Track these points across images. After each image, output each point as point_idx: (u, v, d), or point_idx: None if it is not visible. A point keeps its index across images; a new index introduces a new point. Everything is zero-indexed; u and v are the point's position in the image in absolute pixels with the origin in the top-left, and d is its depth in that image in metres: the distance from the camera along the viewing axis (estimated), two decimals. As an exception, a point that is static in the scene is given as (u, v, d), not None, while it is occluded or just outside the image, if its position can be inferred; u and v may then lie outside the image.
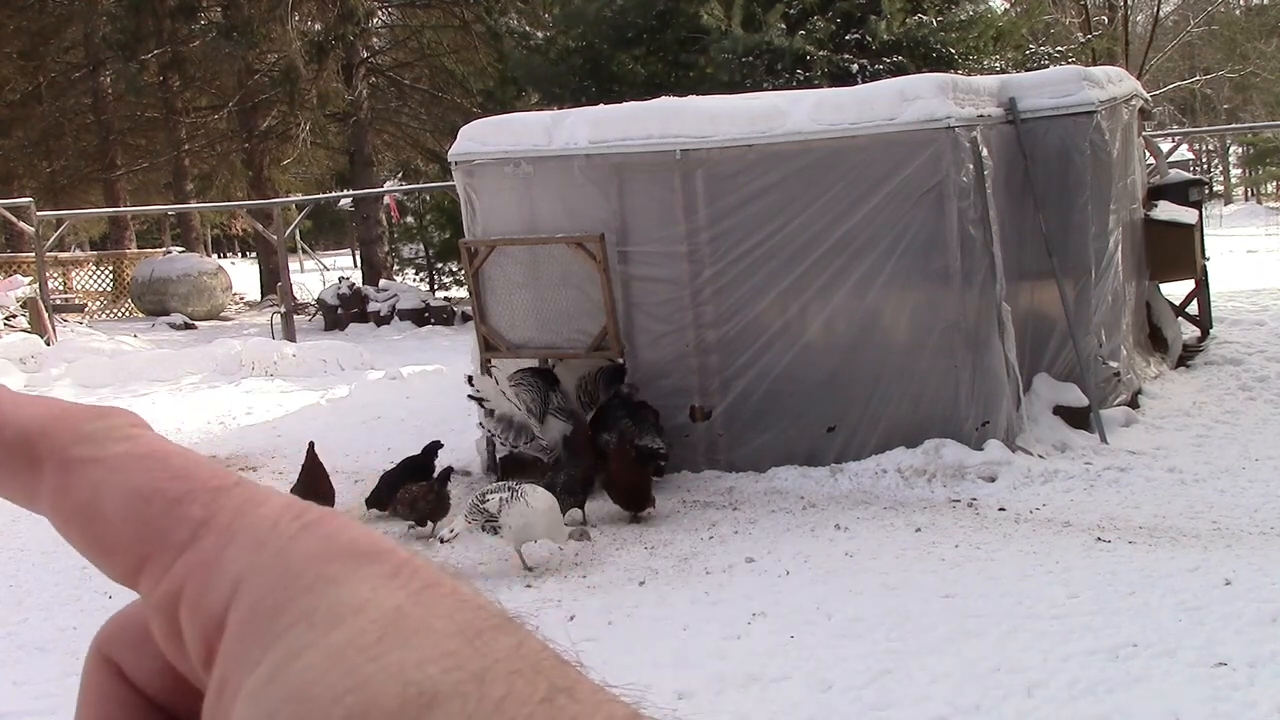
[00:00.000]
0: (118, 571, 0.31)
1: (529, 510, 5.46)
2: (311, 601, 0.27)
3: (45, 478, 0.32)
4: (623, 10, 13.49)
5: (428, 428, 9.09)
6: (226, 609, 0.28)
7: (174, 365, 13.27)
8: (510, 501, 5.48)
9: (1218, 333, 10.17)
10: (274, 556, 0.29)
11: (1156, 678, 3.95)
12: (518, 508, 5.46)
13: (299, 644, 0.26)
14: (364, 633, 0.26)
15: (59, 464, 0.31)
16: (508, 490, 5.58)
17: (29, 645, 5.11)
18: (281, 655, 0.26)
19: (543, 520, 5.48)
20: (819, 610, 4.83)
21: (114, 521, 0.31)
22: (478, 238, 7.66)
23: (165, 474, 0.31)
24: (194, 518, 0.30)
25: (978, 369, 6.82)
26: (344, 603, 0.27)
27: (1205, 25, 33.50)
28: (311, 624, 0.27)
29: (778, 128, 6.89)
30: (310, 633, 0.26)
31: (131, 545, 0.30)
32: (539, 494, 5.60)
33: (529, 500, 5.49)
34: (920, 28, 12.67)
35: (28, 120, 25.03)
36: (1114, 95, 8.06)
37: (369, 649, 0.26)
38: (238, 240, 48.40)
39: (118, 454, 0.31)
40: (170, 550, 0.30)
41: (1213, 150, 41.71)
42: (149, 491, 0.31)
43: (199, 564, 0.29)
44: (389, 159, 28.40)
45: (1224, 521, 5.75)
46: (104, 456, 0.31)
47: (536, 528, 5.50)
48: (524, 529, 5.49)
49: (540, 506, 5.50)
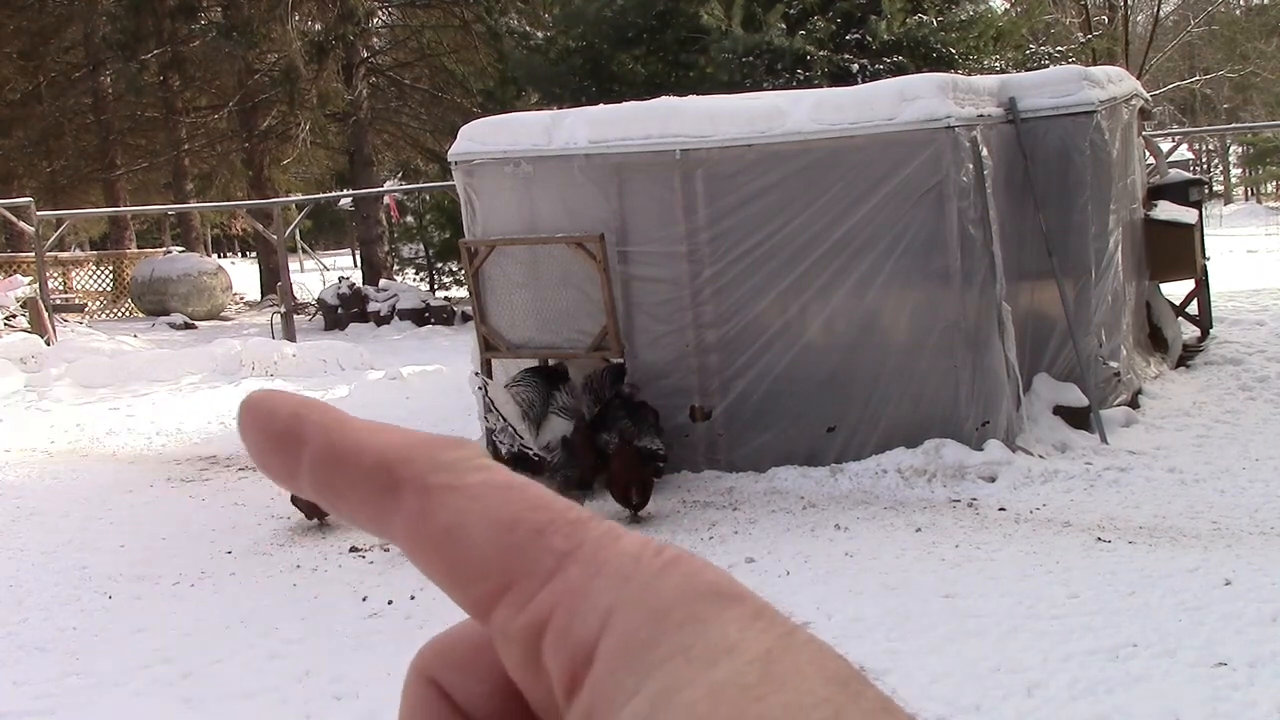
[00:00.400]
0: (472, 598, 0.31)
1: None
2: (685, 638, 0.28)
3: (404, 503, 0.32)
4: (623, 10, 13.49)
5: (428, 428, 9.01)
6: (597, 639, 0.29)
7: (174, 365, 13.27)
8: None
9: (1218, 333, 10.17)
10: (641, 590, 0.29)
11: (1156, 678, 3.95)
12: None
13: (679, 679, 0.27)
14: (743, 673, 0.27)
15: (419, 490, 0.32)
16: None
17: (29, 645, 5.10)
18: (661, 688, 0.27)
19: None
20: (819, 610, 4.83)
21: (477, 548, 0.31)
22: (478, 238, 7.66)
23: (526, 504, 0.31)
24: (558, 548, 0.30)
25: (978, 369, 6.82)
26: (716, 643, 0.27)
27: (1205, 25, 33.50)
28: (689, 659, 0.27)
29: (778, 128, 6.89)
30: (689, 668, 0.27)
31: (494, 573, 0.31)
32: None
33: None
34: (920, 28, 12.67)
35: (28, 120, 25.03)
36: (1114, 95, 8.06)
37: (751, 689, 0.26)
38: (238, 240, 48.42)
39: (477, 482, 0.32)
40: (535, 579, 0.30)
41: (1213, 150, 41.72)
42: (511, 521, 0.31)
43: (567, 593, 0.30)
44: (389, 159, 28.40)
45: (1224, 521, 5.75)
46: (463, 484, 0.32)
47: None
48: None
49: None
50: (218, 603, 5.58)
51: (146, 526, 7.08)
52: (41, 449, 9.81)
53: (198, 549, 6.51)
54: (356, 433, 0.33)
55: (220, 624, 5.23)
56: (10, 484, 8.45)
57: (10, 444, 10.00)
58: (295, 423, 0.33)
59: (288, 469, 0.33)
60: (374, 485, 0.32)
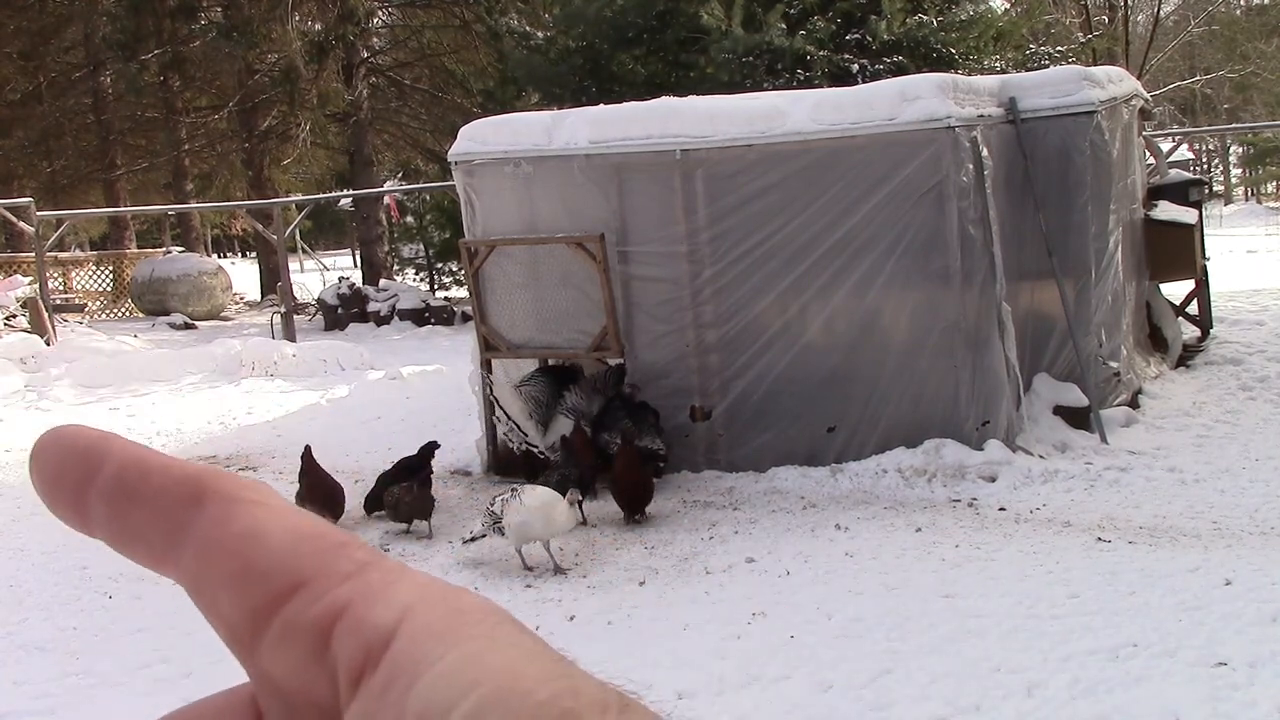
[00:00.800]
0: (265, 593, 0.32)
1: (523, 508, 5.50)
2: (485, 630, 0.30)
3: (206, 511, 0.33)
4: (623, 10, 13.48)
5: (428, 428, 9.08)
6: (396, 626, 0.30)
7: (174, 365, 13.27)
8: (509, 501, 5.54)
9: (1218, 333, 10.17)
10: (442, 595, 0.31)
11: (1156, 678, 3.95)
12: (514, 506, 5.51)
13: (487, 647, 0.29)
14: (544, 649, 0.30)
15: (224, 500, 0.33)
16: (510, 491, 5.63)
17: (29, 645, 5.10)
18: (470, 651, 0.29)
19: (537, 516, 5.50)
20: (819, 610, 4.83)
21: (275, 550, 0.32)
22: (478, 238, 7.66)
23: (327, 527, 0.33)
24: (358, 558, 0.32)
25: (978, 369, 6.82)
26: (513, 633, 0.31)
27: (1205, 25, 33.49)
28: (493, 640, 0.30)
29: (778, 128, 6.89)
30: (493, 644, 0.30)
31: (289, 571, 0.32)
32: (535, 492, 5.64)
33: (523, 498, 5.54)
34: (920, 28, 12.66)
35: (28, 120, 25.02)
36: (1114, 95, 8.06)
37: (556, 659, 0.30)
38: (238, 240, 48.40)
39: (281, 505, 0.33)
40: (334, 577, 0.32)
41: (1213, 150, 41.73)
42: (313, 533, 0.33)
43: (366, 590, 0.31)
44: (389, 159, 28.40)
45: (1224, 521, 5.75)
46: (269, 503, 0.33)
47: (533, 525, 5.52)
48: (521, 527, 5.52)
49: (533, 504, 5.53)
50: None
51: (146, 526, 7.08)
52: (41, 449, 9.80)
53: (198, 549, 6.51)
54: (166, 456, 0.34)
55: (220, 624, 5.22)
56: (10, 484, 8.45)
57: (10, 444, 10.00)
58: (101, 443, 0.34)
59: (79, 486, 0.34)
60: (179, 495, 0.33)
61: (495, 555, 6.07)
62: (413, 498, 6.46)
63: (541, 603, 5.29)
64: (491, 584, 5.61)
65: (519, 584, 5.58)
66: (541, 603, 5.29)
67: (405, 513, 6.50)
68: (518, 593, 5.45)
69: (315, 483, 6.51)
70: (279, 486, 7.86)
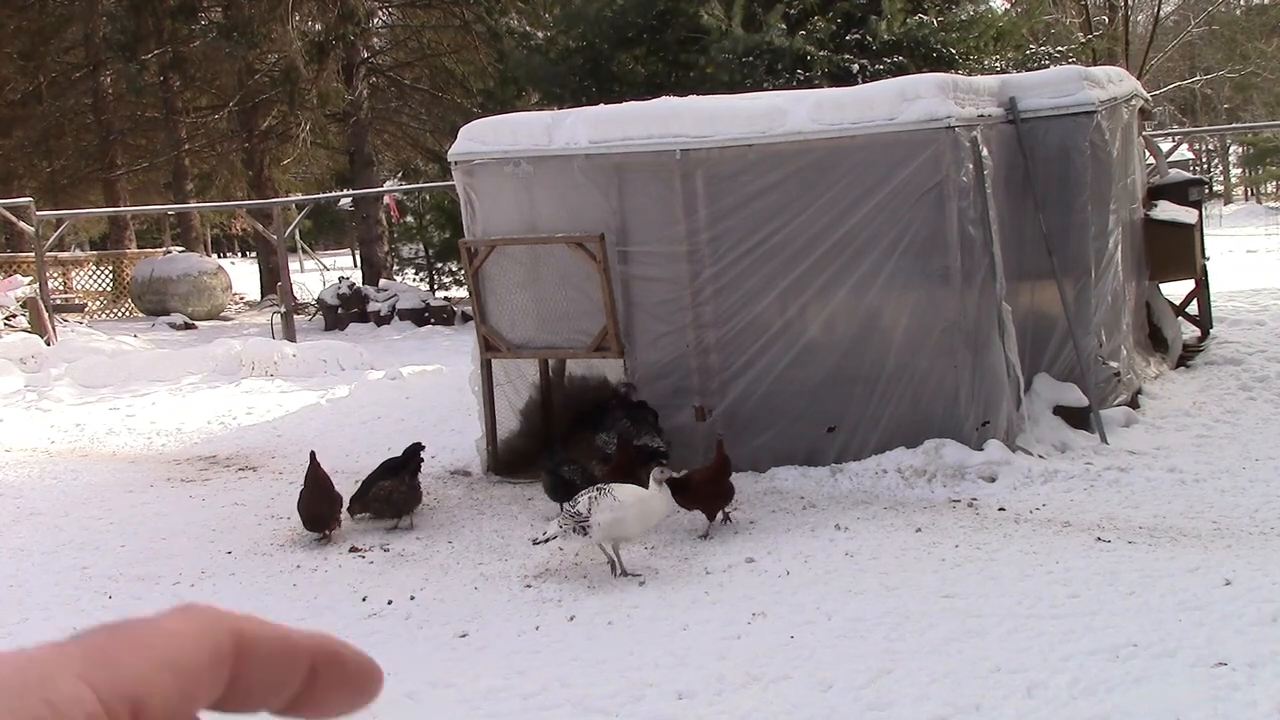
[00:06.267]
0: None
1: (617, 504, 5.43)
2: None
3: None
4: (623, 10, 13.47)
5: (428, 428, 9.08)
6: None
7: (174, 365, 13.26)
8: (598, 499, 5.45)
9: (1218, 333, 10.16)
10: None
11: (1156, 678, 3.95)
12: (605, 503, 5.42)
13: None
14: None
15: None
16: (595, 490, 5.54)
17: (29, 645, 5.09)
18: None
19: (632, 513, 5.47)
20: (819, 610, 4.83)
21: None
22: (478, 238, 7.66)
23: None
24: None
25: (978, 369, 6.82)
26: None
27: (1205, 25, 33.47)
28: None
29: (778, 128, 6.89)
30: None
31: None
32: (626, 489, 5.58)
33: (616, 494, 5.48)
34: (921, 28, 12.65)
35: (28, 120, 25.01)
36: (1114, 95, 8.06)
37: None
38: (238, 240, 48.41)
39: None
40: None
41: (1213, 150, 41.73)
42: None
43: None
44: (389, 159, 28.39)
45: (1224, 521, 5.75)
46: None
47: (628, 523, 5.49)
48: (614, 524, 5.45)
49: (628, 499, 5.49)
50: (218, 603, 5.56)
51: (146, 526, 7.08)
52: (41, 449, 9.81)
53: (198, 549, 6.51)
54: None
55: (220, 624, 5.21)
56: (10, 484, 8.45)
57: (10, 444, 10.00)
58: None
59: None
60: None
61: (495, 555, 6.07)
62: (406, 489, 6.59)
63: (541, 603, 5.29)
64: (491, 584, 5.61)
65: (519, 584, 5.58)
66: (541, 603, 5.29)
67: (399, 505, 6.56)
68: (517, 593, 5.45)
69: (314, 489, 6.52)
70: (279, 486, 7.88)
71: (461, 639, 4.90)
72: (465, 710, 4.14)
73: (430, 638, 4.95)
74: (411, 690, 4.31)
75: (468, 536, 6.44)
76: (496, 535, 6.44)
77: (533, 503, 7.02)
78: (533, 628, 4.96)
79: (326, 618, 5.25)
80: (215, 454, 9.22)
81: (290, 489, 7.83)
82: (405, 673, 4.50)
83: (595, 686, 4.22)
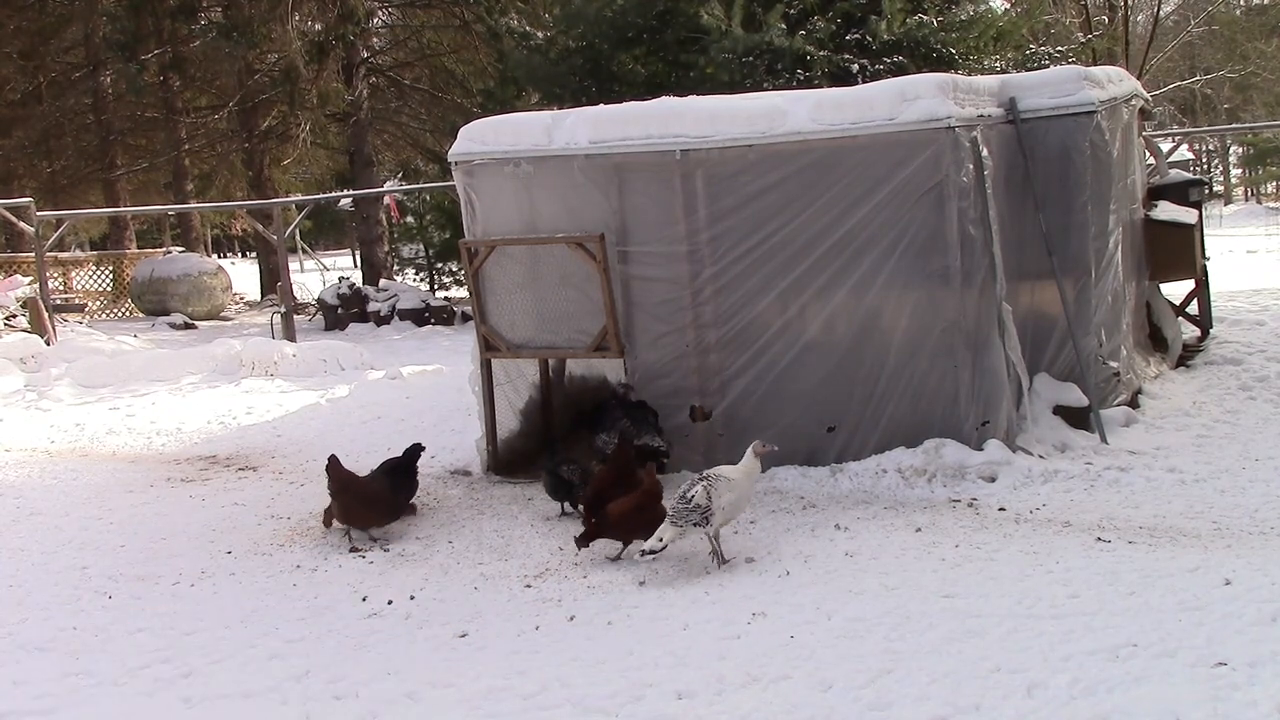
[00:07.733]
0: None
1: (733, 483, 5.55)
2: None
3: None
4: (623, 10, 13.46)
5: (428, 428, 9.09)
6: None
7: (174, 365, 13.26)
8: (714, 485, 5.50)
9: (1218, 333, 10.16)
10: None
11: (1156, 678, 3.95)
12: (721, 486, 5.51)
13: None
14: None
15: None
16: (701, 480, 5.57)
17: (29, 645, 5.10)
18: None
19: (745, 487, 5.65)
20: (819, 610, 4.83)
21: None
22: (478, 238, 7.66)
23: None
24: None
25: (978, 369, 6.82)
26: None
27: (1205, 25, 33.46)
28: None
29: (778, 128, 6.89)
30: None
31: None
32: (727, 469, 5.70)
33: (726, 475, 5.60)
34: (921, 28, 12.63)
35: (28, 120, 25.02)
36: (1114, 95, 8.06)
37: None
38: (238, 240, 48.44)
39: None
40: None
41: (1213, 150, 41.76)
42: None
43: None
44: (389, 159, 28.40)
45: (1224, 521, 5.75)
46: None
47: (743, 499, 5.67)
48: (734, 505, 5.58)
49: (738, 475, 5.63)
50: (218, 603, 5.57)
51: (146, 526, 7.08)
52: (41, 449, 9.81)
53: (198, 549, 6.51)
54: None
55: (220, 624, 5.23)
56: (10, 484, 8.45)
57: (10, 444, 10.00)
58: None
59: None
60: None
61: (494, 555, 6.07)
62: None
63: (542, 603, 5.29)
64: (491, 584, 5.62)
65: (519, 584, 5.58)
66: (542, 603, 5.29)
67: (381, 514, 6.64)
68: (517, 593, 5.45)
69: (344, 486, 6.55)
70: (279, 486, 7.88)
71: (461, 639, 4.90)
72: (465, 710, 4.14)
73: (430, 638, 4.95)
74: (411, 690, 4.31)
75: (468, 536, 6.44)
76: (496, 535, 6.44)
77: (533, 503, 7.02)
78: (533, 628, 4.96)
79: (326, 618, 5.25)
80: (215, 454, 9.22)
81: (290, 489, 7.84)
82: (405, 673, 4.50)
83: (595, 686, 4.22)
